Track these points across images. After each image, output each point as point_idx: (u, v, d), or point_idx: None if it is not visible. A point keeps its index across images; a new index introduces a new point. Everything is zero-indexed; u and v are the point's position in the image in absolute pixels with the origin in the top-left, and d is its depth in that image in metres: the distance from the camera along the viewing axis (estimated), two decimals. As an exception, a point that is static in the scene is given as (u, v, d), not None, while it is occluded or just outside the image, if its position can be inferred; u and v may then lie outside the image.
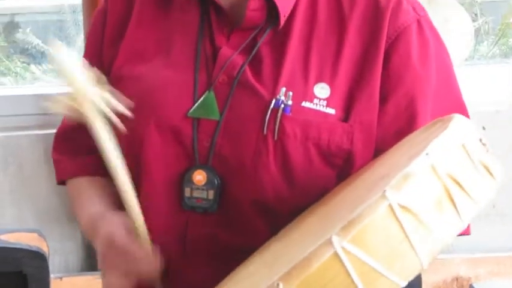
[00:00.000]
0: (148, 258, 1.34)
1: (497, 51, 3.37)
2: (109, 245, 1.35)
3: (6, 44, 3.34)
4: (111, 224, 1.37)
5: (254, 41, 1.39)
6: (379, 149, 1.37)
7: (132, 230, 1.34)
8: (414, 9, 1.40)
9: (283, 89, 1.35)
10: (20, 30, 3.31)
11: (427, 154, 1.04)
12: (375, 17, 1.38)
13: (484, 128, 2.19)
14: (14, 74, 3.20)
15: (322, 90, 1.36)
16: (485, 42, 3.38)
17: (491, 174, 1.09)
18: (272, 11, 1.39)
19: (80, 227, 1.55)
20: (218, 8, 1.41)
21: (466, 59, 2.66)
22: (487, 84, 2.58)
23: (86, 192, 1.53)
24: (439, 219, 1.03)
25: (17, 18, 3.40)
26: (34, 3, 3.55)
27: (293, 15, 1.39)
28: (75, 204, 1.55)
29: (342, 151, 1.36)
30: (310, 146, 1.35)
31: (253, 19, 1.39)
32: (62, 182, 1.59)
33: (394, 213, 1.00)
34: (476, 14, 3.33)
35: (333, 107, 1.36)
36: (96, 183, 1.53)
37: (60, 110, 1.30)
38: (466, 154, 1.08)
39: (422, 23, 1.40)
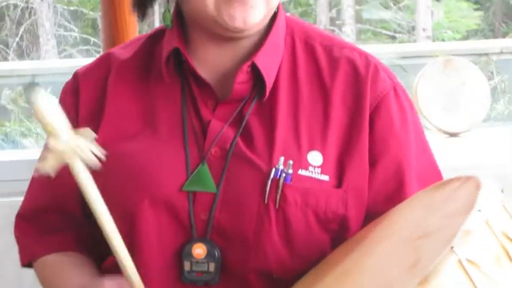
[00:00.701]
0: None
1: (514, 109, 3.39)
2: None
3: (27, 105, 3.38)
4: None
5: (241, 112, 1.40)
6: (370, 213, 1.38)
7: None
8: (389, 77, 1.43)
9: (282, 158, 1.36)
10: (41, 91, 3.36)
11: (479, 211, 1.06)
12: (356, 85, 1.41)
13: (502, 191, 2.18)
14: (34, 135, 3.23)
15: (315, 157, 1.38)
16: (502, 101, 3.39)
17: None
18: (257, 82, 1.40)
19: None
20: (200, 81, 1.41)
21: (484, 120, 2.67)
22: (505, 146, 2.58)
23: (63, 267, 1.46)
24: (501, 274, 1.05)
25: (37, 79, 3.45)
26: (54, 64, 3.59)
27: (276, 84, 1.40)
28: (52, 282, 1.48)
29: (338, 216, 1.37)
30: (309, 212, 1.36)
31: (240, 92, 1.39)
32: (27, 264, 1.51)
33: (464, 268, 1.02)
34: (492, 73, 3.35)
35: (326, 174, 1.37)
36: (71, 257, 1.47)
37: (49, 167, 1.21)
38: (506, 212, 1.11)
39: (398, 90, 1.43)
